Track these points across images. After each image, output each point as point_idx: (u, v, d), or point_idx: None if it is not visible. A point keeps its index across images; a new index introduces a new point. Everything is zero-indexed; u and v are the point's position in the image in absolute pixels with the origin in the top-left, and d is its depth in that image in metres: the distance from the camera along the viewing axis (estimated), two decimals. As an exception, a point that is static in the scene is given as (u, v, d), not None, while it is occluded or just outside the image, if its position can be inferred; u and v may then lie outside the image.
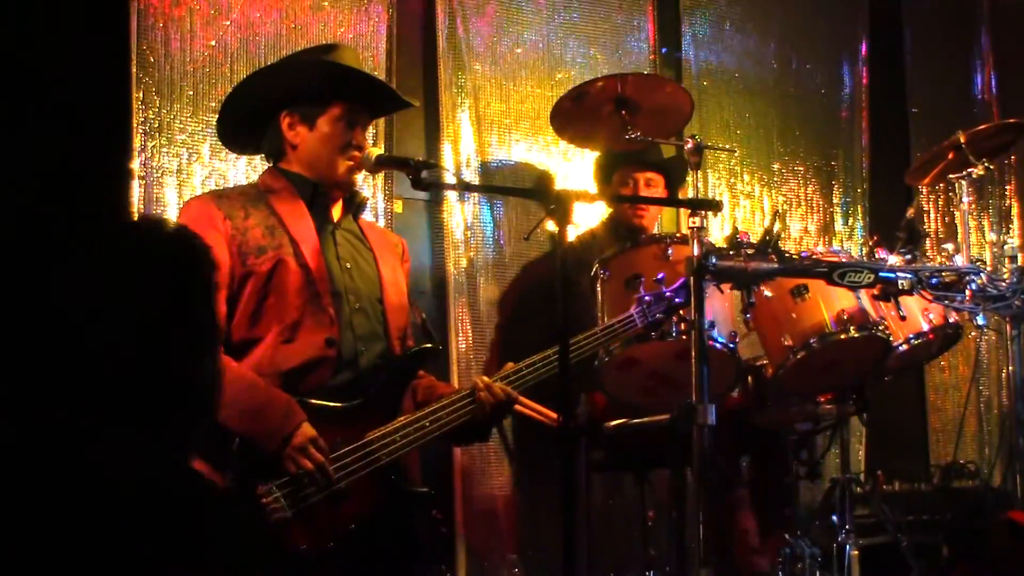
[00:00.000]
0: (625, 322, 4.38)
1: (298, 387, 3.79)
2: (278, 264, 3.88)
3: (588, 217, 6.12)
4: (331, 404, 3.81)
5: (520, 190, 6.43)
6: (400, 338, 4.14)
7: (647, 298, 4.40)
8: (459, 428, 4.01)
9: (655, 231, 6.00)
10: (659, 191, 5.88)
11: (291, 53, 4.89)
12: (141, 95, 5.23)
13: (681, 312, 4.48)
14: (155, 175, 5.26)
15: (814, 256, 4.69)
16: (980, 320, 4.81)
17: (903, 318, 4.82)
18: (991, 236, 7.72)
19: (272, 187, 4.08)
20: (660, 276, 4.51)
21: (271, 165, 4.19)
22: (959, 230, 6.16)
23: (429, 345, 4.04)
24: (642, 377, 4.90)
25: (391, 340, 4.08)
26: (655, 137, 5.24)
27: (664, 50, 6.86)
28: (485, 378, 4.06)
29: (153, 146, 5.26)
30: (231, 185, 5.33)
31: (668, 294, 4.41)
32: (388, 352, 4.06)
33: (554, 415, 4.88)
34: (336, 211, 4.15)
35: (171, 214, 5.24)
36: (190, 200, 4.20)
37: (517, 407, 4.31)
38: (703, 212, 4.29)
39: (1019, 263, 5.08)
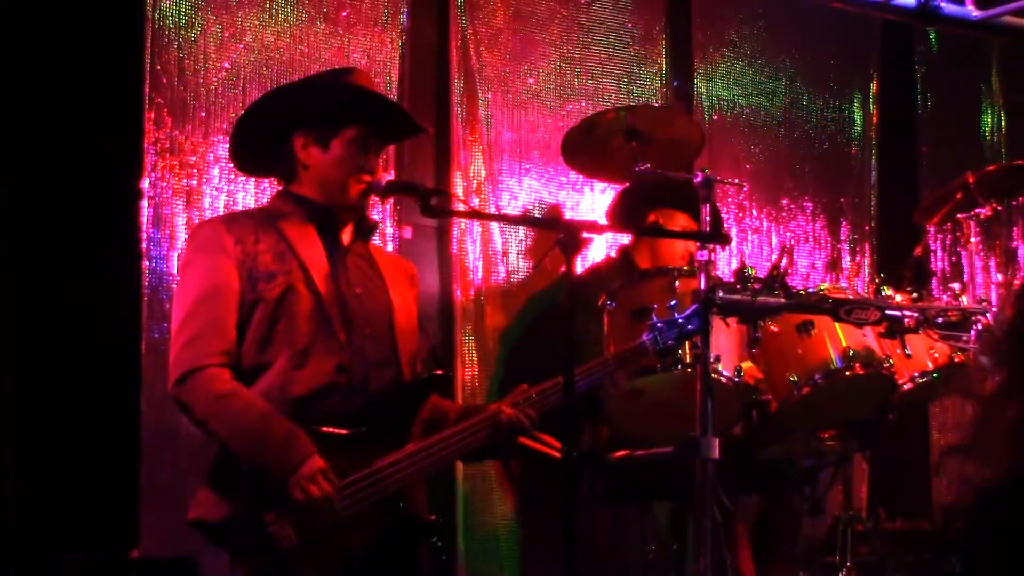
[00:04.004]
0: (636, 348, 4.37)
1: (308, 413, 3.80)
2: (288, 290, 3.88)
3: (595, 253, 6.12)
4: (340, 431, 3.81)
5: (530, 219, 6.43)
6: (410, 363, 4.13)
7: (659, 324, 4.39)
8: (473, 451, 4.02)
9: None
10: None
11: (307, 76, 4.89)
12: (153, 115, 5.24)
13: (692, 340, 4.48)
14: (164, 196, 5.26)
15: (821, 292, 4.70)
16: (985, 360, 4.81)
17: (908, 356, 4.84)
18: (997, 277, 7.72)
19: (282, 211, 4.08)
20: (672, 303, 4.51)
21: (281, 188, 4.19)
22: (966, 270, 6.17)
23: (439, 373, 4.04)
24: (647, 409, 4.90)
25: (401, 365, 4.07)
26: (665, 170, 5.24)
27: (676, 83, 6.87)
28: (509, 407, 4.06)
29: (163, 167, 5.27)
30: (240, 208, 5.34)
31: (680, 320, 4.40)
32: (398, 378, 4.05)
33: (558, 445, 4.87)
34: (346, 235, 4.15)
35: (179, 236, 5.25)
36: (201, 223, 4.22)
37: (520, 438, 4.31)
38: (711, 245, 4.30)
39: (1025, 304, 5.07)
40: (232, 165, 4.42)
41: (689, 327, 4.40)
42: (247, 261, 3.90)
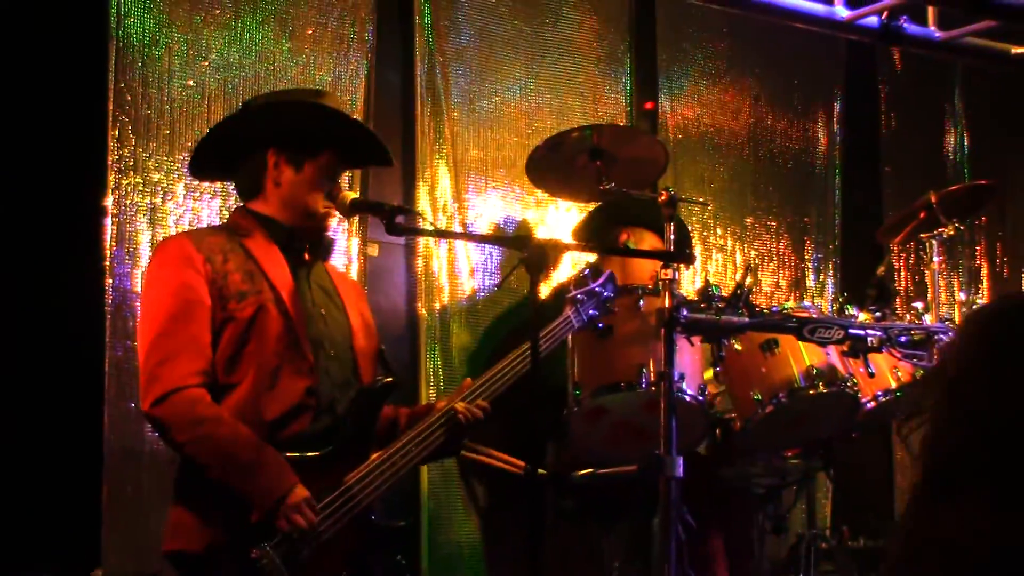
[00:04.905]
0: (563, 324, 4.40)
1: (279, 436, 3.77)
2: (259, 310, 3.85)
3: (561, 271, 6.14)
4: (308, 454, 3.79)
5: (495, 237, 6.44)
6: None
7: (579, 296, 4.46)
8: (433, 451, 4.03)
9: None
10: None
11: (279, 91, 4.84)
12: (117, 132, 5.22)
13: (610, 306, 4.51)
14: (128, 213, 5.24)
15: (785, 311, 4.72)
16: (948, 379, 4.83)
17: (872, 375, 4.86)
18: (960, 296, 7.76)
19: (245, 229, 4.03)
20: (586, 271, 4.54)
21: (242, 205, 4.16)
22: (929, 289, 6.21)
23: (390, 380, 4.03)
24: (610, 428, 4.90)
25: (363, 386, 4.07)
26: (629, 188, 5.25)
27: (641, 102, 6.89)
28: (460, 403, 4.05)
29: (127, 184, 5.24)
30: (204, 225, 5.32)
31: (597, 288, 4.49)
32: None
33: (521, 464, 4.87)
34: (307, 255, 4.13)
35: (143, 253, 5.23)
36: (167, 239, 4.17)
37: (483, 458, 4.32)
38: (675, 264, 4.32)
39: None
40: (190, 169, 4.38)
41: (605, 294, 4.52)
42: (217, 280, 3.85)
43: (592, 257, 5.94)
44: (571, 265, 6.04)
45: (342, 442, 3.87)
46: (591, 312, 4.47)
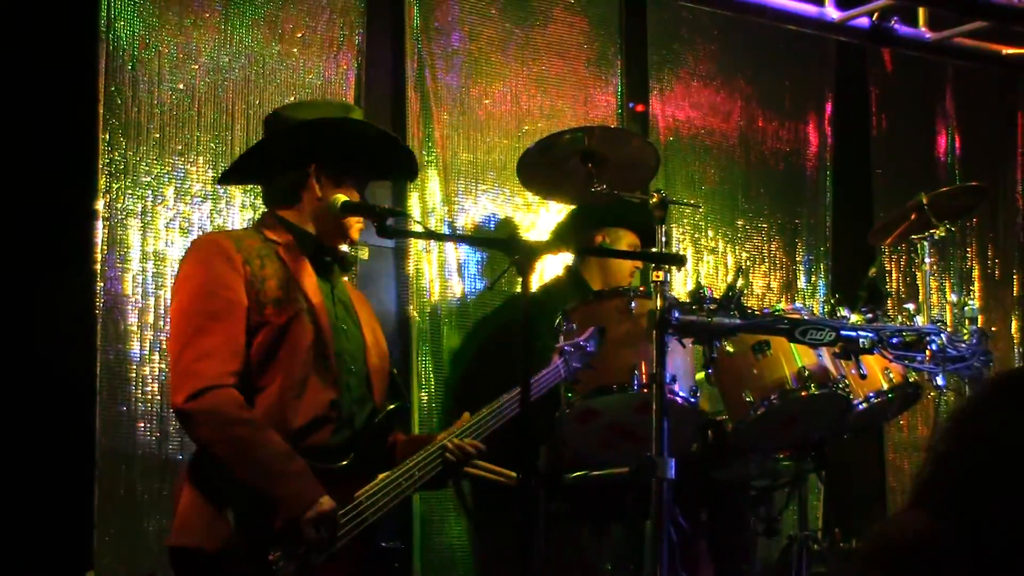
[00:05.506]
0: (551, 373, 4.44)
1: (301, 444, 3.80)
2: (294, 319, 3.88)
3: (550, 268, 6.13)
4: (328, 466, 3.82)
5: (486, 239, 6.44)
6: (383, 400, 4.16)
7: (567, 348, 4.52)
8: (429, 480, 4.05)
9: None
10: None
11: (311, 102, 4.77)
12: (107, 136, 5.21)
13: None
14: (119, 217, 5.23)
15: (776, 313, 4.71)
16: (939, 381, 4.85)
17: (863, 376, 4.85)
18: (952, 297, 7.76)
19: (278, 238, 4.06)
20: (573, 326, 4.62)
21: (270, 211, 4.18)
22: (920, 291, 6.21)
23: (403, 404, 4.10)
24: (602, 430, 4.90)
25: (376, 402, 4.10)
26: (620, 191, 5.24)
27: (631, 104, 6.89)
28: (455, 439, 4.07)
29: (118, 188, 5.24)
30: (195, 228, 5.32)
31: (582, 343, 4.55)
32: (374, 414, 4.08)
33: (512, 474, 4.86)
34: (334, 270, 4.17)
35: (134, 257, 5.22)
36: (204, 237, 4.23)
37: (473, 470, 4.34)
38: (667, 266, 4.32)
39: (979, 325, 5.11)
40: (222, 180, 4.41)
41: (589, 348, 4.57)
42: (255, 283, 3.87)
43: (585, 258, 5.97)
44: (563, 266, 6.03)
45: (356, 457, 3.91)
46: (575, 365, 4.53)
